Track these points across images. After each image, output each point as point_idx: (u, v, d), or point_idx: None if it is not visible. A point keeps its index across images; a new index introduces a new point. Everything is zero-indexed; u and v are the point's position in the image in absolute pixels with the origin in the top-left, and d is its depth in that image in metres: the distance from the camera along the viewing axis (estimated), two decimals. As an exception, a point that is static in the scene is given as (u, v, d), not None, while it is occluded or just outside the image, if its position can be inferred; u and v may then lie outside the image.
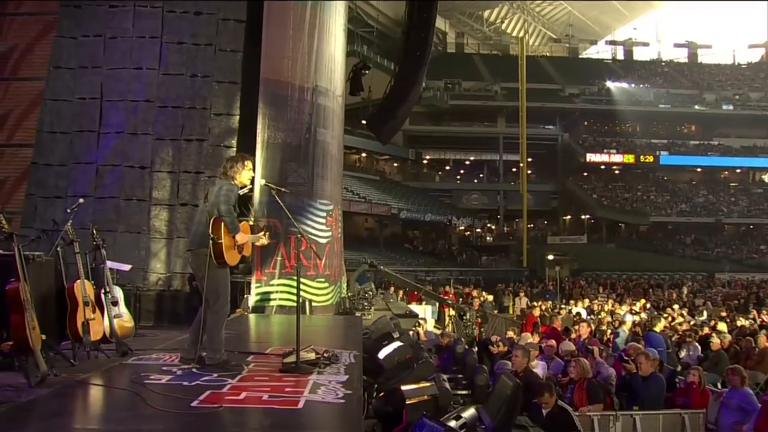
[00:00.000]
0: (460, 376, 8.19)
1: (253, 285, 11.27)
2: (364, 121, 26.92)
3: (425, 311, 18.30)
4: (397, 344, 6.29)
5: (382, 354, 6.34)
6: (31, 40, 11.96)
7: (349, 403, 4.15)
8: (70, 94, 11.48)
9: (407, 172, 54.93)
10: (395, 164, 55.33)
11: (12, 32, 12.03)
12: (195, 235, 5.52)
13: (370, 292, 11.56)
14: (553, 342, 9.73)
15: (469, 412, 4.01)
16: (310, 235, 11.84)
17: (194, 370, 5.24)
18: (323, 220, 12.21)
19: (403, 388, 4.82)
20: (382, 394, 5.02)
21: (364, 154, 51.32)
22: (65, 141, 11.36)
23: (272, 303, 11.33)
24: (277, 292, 11.40)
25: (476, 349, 10.32)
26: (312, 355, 5.52)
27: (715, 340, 10.58)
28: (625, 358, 8.04)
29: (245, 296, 11.43)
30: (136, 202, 11.31)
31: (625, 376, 7.70)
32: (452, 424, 4.12)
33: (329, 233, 12.34)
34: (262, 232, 5.73)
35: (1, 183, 11.71)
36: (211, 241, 5.16)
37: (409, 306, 18.46)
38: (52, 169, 11.28)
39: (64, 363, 5.27)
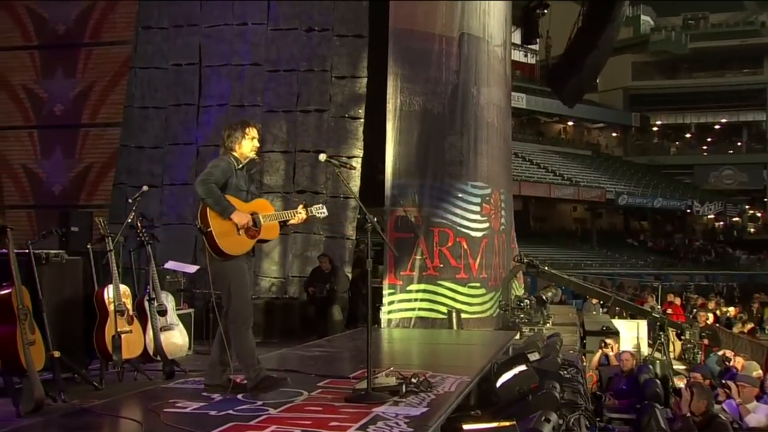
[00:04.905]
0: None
1: (386, 291, 11.24)
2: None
3: (638, 328, 17.33)
4: (519, 369, 5.91)
5: (501, 381, 6.02)
6: (113, -4, 12.62)
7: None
8: (163, 60, 12.14)
9: (630, 143, 53.59)
10: (613, 134, 54.21)
11: (89, -13, 12.70)
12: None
13: (527, 301, 11.05)
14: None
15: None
16: (459, 228, 11.68)
17: (239, 396, 5.29)
18: (477, 208, 12.02)
19: (466, 427, 4.49)
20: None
21: (570, 123, 50.31)
22: (159, 118, 12.06)
23: (411, 314, 11.28)
24: (416, 300, 11.33)
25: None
26: (393, 380, 5.41)
27: None
28: None
29: (377, 306, 11.43)
30: (244, 189, 11.70)
31: None
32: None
33: (486, 224, 12.14)
34: (301, 205, 5.74)
35: (86, 171, 12.60)
36: (201, 233, 5.23)
37: (614, 320, 17.52)
38: (144, 153, 12.02)
39: (87, 387, 5.44)
